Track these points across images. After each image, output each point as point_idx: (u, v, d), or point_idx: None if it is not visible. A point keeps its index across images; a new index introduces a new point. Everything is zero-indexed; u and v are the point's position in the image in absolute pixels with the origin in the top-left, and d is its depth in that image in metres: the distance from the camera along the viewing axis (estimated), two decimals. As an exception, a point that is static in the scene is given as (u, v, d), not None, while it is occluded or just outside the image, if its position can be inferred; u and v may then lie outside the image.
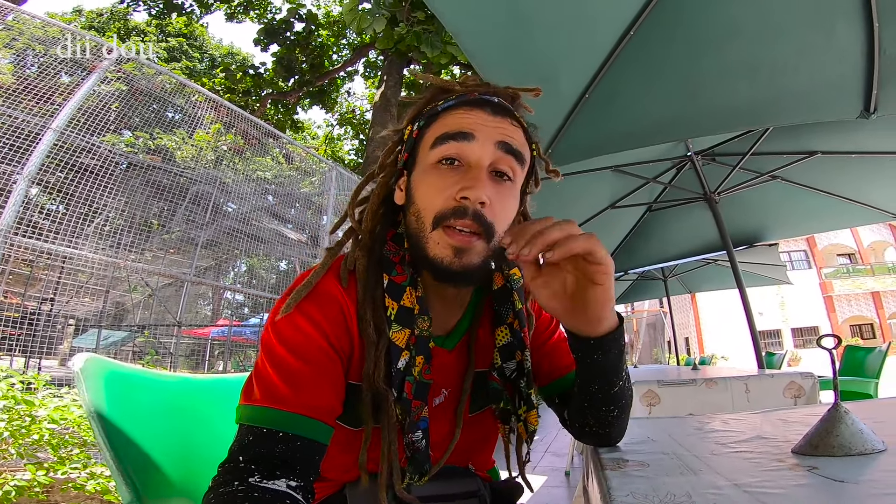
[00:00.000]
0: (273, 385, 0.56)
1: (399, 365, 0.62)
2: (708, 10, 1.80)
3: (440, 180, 0.62)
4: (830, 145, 3.20)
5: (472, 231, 0.61)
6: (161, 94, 4.84)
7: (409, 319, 0.63)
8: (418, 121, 0.69)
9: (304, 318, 0.60)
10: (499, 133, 0.64)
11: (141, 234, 4.74)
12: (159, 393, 0.83)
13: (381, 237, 0.69)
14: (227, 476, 0.52)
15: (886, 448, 0.55)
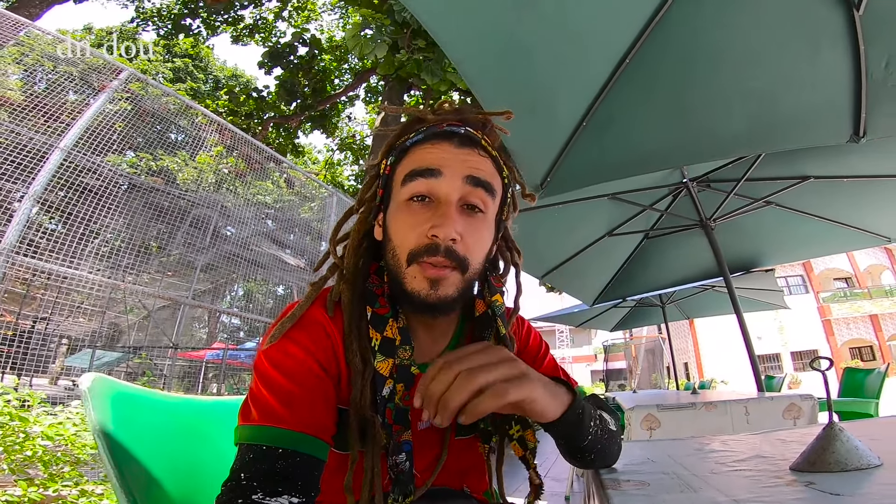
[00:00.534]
0: (269, 406, 0.58)
1: (384, 392, 0.65)
2: (699, 37, 1.85)
3: (411, 217, 0.65)
4: (823, 170, 3.24)
5: (444, 266, 0.63)
6: (165, 115, 4.92)
7: (391, 350, 0.66)
8: (390, 156, 0.71)
9: (293, 344, 0.62)
10: (466, 167, 0.65)
11: (139, 256, 4.75)
12: (164, 413, 0.83)
13: (363, 271, 0.71)
14: (230, 494, 0.53)
15: (882, 463, 0.56)
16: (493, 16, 1.58)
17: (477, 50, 1.68)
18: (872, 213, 3.51)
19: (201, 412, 0.90)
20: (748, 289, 5.89)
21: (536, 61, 1.80)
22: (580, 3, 1.65)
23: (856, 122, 1.87)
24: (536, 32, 1.67)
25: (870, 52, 1.73)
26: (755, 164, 3.29)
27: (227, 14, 12.48)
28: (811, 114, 1.92)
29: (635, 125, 2.11)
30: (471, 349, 0.58)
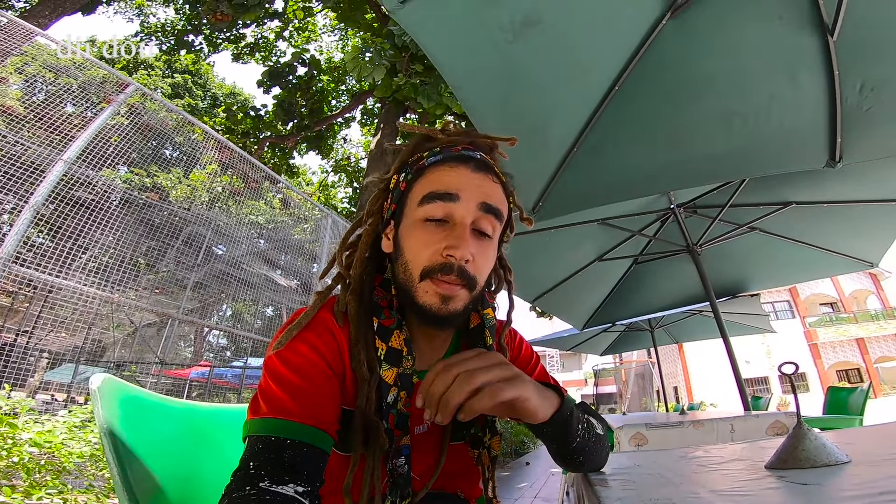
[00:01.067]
0: (279, 399, 0.61)
1: (389, 399, 0.68)
2: (685, 65, 1.92)
3: (428, 236, 0.68)
4: (804, 196, 3.34)
5: (456, 284, 0.67)
6: (164, 131, 4.97)
7: (397, 359, 0.69)
8: (404, 171, 0.75)
9: (303, 344, 0.66)
10: (481, 193, 0.70)
11: (129, 272, 4.72)
12: (170, 417, 0.85)
13: (369, 283, 0.75)
14: (239, 482, 0.54)
15: (851, 460, 0.61)
16: (490, 43, 1.66)
17: (474, 76, 1.76)
18: (854, 239, 3.60)
19: (206, 419, 0.92)
20: (734, 313, 5.98)
21: (531, 88, 1.88)
22: (574, 33, 1.74)
23: (832, 147, 1.93)
24: (531, 60, 1.75)
25: (844, 77, 1.80)
26: (739, 190, 3.39)
27: (230, 32, 12.71)
28: (790, 139, 1.98)
29: (624, 151, 2.18)
30: (467, 354, 0.62)
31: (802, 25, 1.74)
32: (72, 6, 8.89)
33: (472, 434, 0.78)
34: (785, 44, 1.80)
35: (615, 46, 1.85)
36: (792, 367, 0.65)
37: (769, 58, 1.85)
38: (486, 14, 1.59)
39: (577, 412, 0.71)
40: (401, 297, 0.72)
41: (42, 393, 6.97)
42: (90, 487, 2.01)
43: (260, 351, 6.96)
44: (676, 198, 3.73)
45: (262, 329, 7.08)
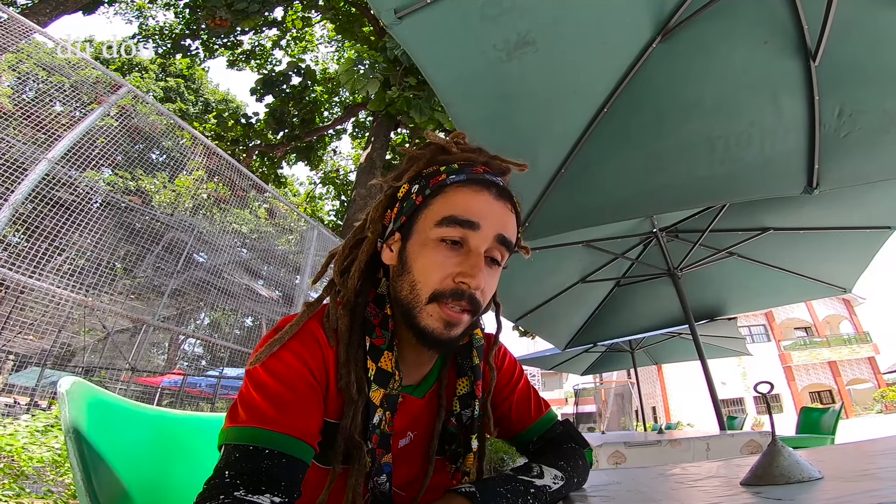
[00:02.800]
0: (259, 408, 0.59)
1: (375, 420, 0.67)
2: (670, 90, 1.97)
3: (442, 258, 0.66)
4: (781, 222, 3.44)
5: (463, 310, 0.66)
6: (152, 134, 4.91)
7: (386, 380, 0.68)
8: (418, 183, 0.72)
9: (289, 353, 0.64)
10: (500, 224, 0.69)
11: (105, 276, 4.60)
12: (140, 423, 0.83)
13: (363, 298, 0.72)
14: (212, 491, 0.52)
15: (823, 476, 0.62)
16: (484, 61, 1.70)
17: (467, 92, 1.79)
18: (828, 264, 3.72)
19: (178, 426, 0.90)
20: (712, 336, 6.09)
21: (522, 107, 1.92)
22: (567, 55, 1.79)
23: (809, 174, 1.98)
24: (524, 80, 1.79)
25: (823, 102, 1.86)
26: (719, 216, 3.49)
27: (227, 38, 12.70)
28: (770, 165, 2.03)
29: (610, 174, 2.22)
30: None
31: (787, 50, 1.81)
32: (73, 5, 8.84)
33: (453, 449, 0.78)
34: (769, 68, 1.86)
35: (606, 69, 1.90)
36: (767, 387, 0.67)
37: (753, 82, 1.91)
38: (482, 32, 1.63)
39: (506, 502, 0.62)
40: (399, 315, 0.70)
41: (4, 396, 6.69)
42: (48, 493, 1.94)
43: (237, 361, 6.81)
44: (659, 222, 3.82)
45: (241, 339, 6.94)
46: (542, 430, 0.86)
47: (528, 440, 0.86)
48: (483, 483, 0.63)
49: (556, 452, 0.78)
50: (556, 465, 0.72)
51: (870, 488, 0.53)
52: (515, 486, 0.64)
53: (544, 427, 0.86)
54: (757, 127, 1.96)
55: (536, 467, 0.70)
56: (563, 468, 0.73)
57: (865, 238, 3.23)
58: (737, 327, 6.28)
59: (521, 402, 0.87)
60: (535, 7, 1.61)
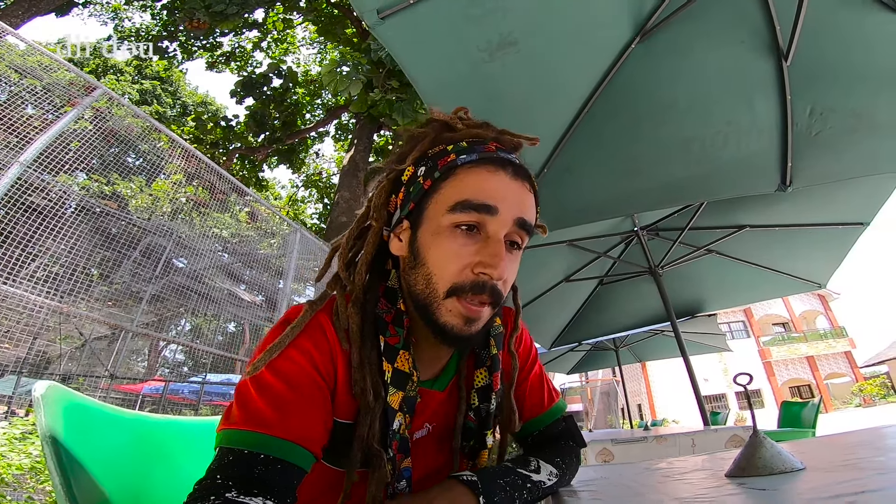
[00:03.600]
0: (257, 409, 0.55)
1: (395, 426, 0.62)
2: (652, 88, 2.00)
3: (458, 247, 0.61)
4: (757, 219, 3.53)
5: (484, 303, 0.61)
6: (128, 137, 4.79)
7: (403, 382, 0.63)
8: (424, 164, 0.66)
9: (294, 349, 0.59)
10: (519, 207, 0.63)
11: (81, 282, 4.47)
12: (119, 428, 0.81)
13: (373, 293, 0.66)
14: (203, 492, 0.50)
15: (805, 467, 0.63)
16: (467, 62, 1.71)
17: (450, 94, 1.80)
18: (803, 261, 3.81)
19: (159, 431, 0.88)
20: (693, 333, 6.21)
21: (505, 108, 1.93)
22: (549, 55, 1.80)
23: (783, 172, 2.03)
24: (506, 81, 1.80)
25: (795, 101, 1.90)
26: (698, 214, 3.56)
27: (206, 40, 12.48)
28: (745, 163, 2.08)
29: (592, 173, 2.25)
30: None
31: (760, 51, 1.85)
32: (46, 7, 8.61)
33: (471, 445, 0.74)
34: (743, 69, 1.91)
35: (587, 69, 1.93)
36: (746, 378, 0.68)
37: (728, 83, 1.95)
38: (465, 33, 1.63)
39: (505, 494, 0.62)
40: (414, 310, 0.65)
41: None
42: (30, 500, 1.89)
43: (221, 366, 6.68)
44: (640, 220, 3.88)
45: (224, 344, 6.82)
46: (549, 421, 0.82)
47: (533, 431, 0.81)
48: (484, 473, 0.62)
49: (554, 449, 0.76)
50: (552, 462, 0.71)
51: (851, 478, 0.54)
52: (514, 479, 0.64)
53: (552, 418, 0.82)
54: (732, 126, 2.00)
55: (534, 461, 0.69)
56: (558, 465, 0.72)
57: (839, 234, 3.32)
58: (717, 324, 6.41)
59: (534, 390, 0.82)
60: (517, 8, 1.62)
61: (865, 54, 1.83)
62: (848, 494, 0.44)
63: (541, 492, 0.66)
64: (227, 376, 7.29)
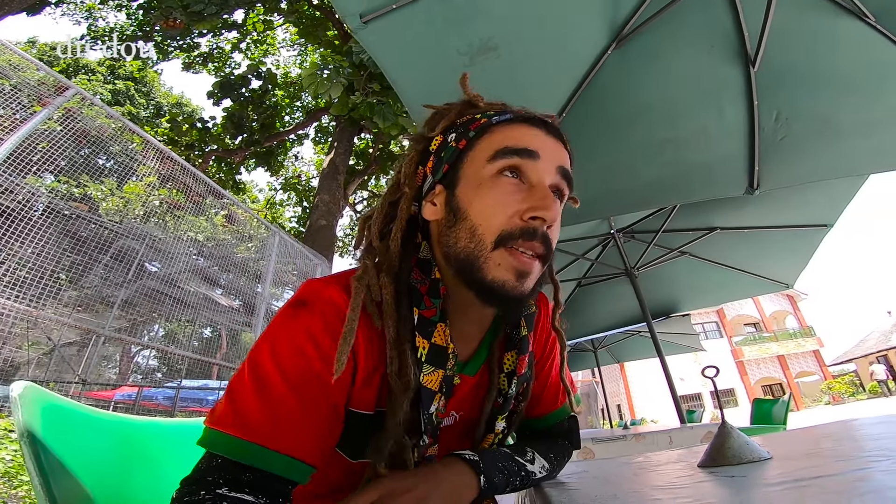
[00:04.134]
0: (249, 410, 0.49)
1: (431, 410, 0.58)
2: (627, 93, 2.04)
3: (504, 196, 0.57)
4: (726, 221, 3.64)
5: (535, 254, 0.57)
6: (99, 138, 4.65)
7: (442, 359, 0.58)
8: (455, 132, 0.64)
9: (305, 336, 0.53)
10: (558, 157, 0.62)
11: (49, 287, 4.32)
12: (98, 429, 0.80)
13: (406, 264, 0.61)
14: (193, 487, 0.47)
15: (772, 457, 0.67)
16: (448, 66, 1.72)
17: (430, 97, 1.80)
18: (772, 261, 3.93)
19: (139, 433, 0.87)
20: (668, 333, 6.36)
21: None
22: (528, 60, 1.83)
23: (750, 175, 2.09)
24: (486, 85, 1.81)
25: (762, 106, 1.96)
26: (671, 216, 3.65)
27: (183, 40, 12.19)
28: (714, 167, 2.14)
29: None
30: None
31: (729, 56, 1.91)
32: (17, 6, 8.30)
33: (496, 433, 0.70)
34: (713, 74, 1.96)
35: (564, 74, 1.97)
36: (713, 370, 0.72)
37: (699, 87, 2.00)
38: (446, 37, 1.65)
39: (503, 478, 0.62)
40: (455, 273, 0.59)
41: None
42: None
43: (196, 372, 6.52)
44: (616, 223, 3.96)
45: (200, 350, 6.66)
46: (556, 421, 0.80)
47: (540, 427, 0.80)
48: (486, 454, 0.61)
49: (551, 445, 0.76)
50: (546, 457, 0.71)
51: (812, 464, 0.58)
52: (511, 465, 0.63)
53: (559, 419, 0.80)
54: (702, 131, 2.06)
55: (531, 452, 0.68)
56: (550, 461, 0.72)
57: (805, 236, 3.45)
58: (691, 324, 6.59)
59: (552, 385, 0.79)
60: (497, 13, 1.65)
61: (829, 60, 1.90)
62: (808, 479, 0.48)
63: (529, 482, 0.67)
64: (203, 381, 7.12)
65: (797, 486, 0.45)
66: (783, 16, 1.76)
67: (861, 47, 1.84)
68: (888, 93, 1.92)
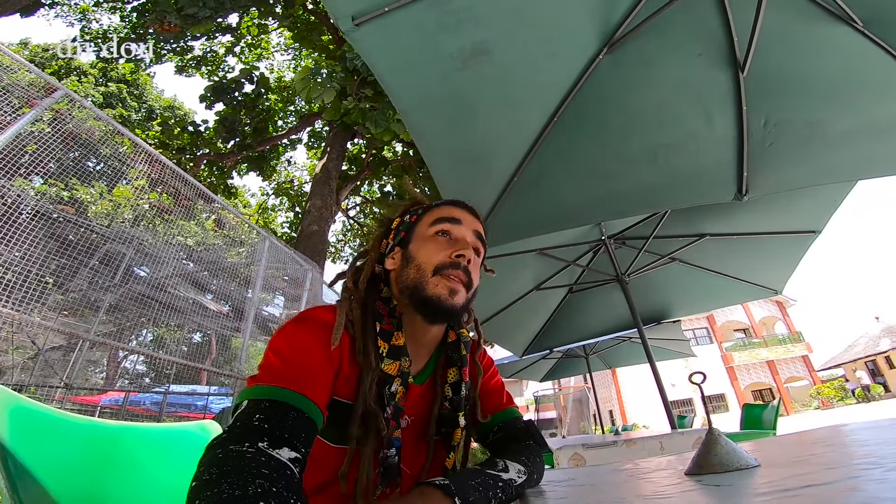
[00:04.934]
0: (280, 372, 0.68)
1: (392, 389, 0.77)
2: (617, 99, 2.05)
3: (438, 245, 0.87)
4: (716, 228, 3.65)
5: (460, 280, 0.83)
6: (89, 140, 4.59)
7: (398, 354, 0.80)
8: (410, 213, 0.97)
9: (307, 332, 0.75)
10: (474, 225, 0.94)
11: (33, 290, 4.24)
12: (69, 434, 0.78)
13: (372, 297, 0.87)
14: (237, 436, 0.57)
15: (759, 464, 0.66)
16: (440, 70, 1.72)
17: (422, 102, 1.80)
18: (760, 267, 3.95)
19: (114, 438, 0.85)
20: (659, 339, 6.37)
21: (476, 117, 1.94)
22: (520, 65, 1.83)
23: (739, 181, 2.10)
24: (478, 90, 1.82)
25: (751, 112, 1.98)
26: (662, 223, 3.66)
27: (177, 43, 12.10)
28: (704, 173, 2.14)
29: (561, 182, 2.28)
30: None
31: (719, 62, 1.92)
32: (11, 7, 8.22)
33: (446, 432, 0.87)
34: (703, 79, 1.97)
35: (556, 79, 1.97)
36: (700, 377, 0.71)
37: (689, 93, 2.02)
38: (439, 41, 1.65)
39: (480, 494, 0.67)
40: (408, 296, 0.84)
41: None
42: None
43: (185, 378, 6.43)
44: (607, 229, 3.96)
45: (189, 355, 6.57)
46: (506, 419, 0.97)
47: (493, 427, 0.96)
48: (455, 477, 0.67)
49: (517, 448, 0.87)
50: (518, 461, 0.79)
51: (802, 472, 0.57)
52: (485, 479, 0.70)
53: (508, 417, 0.97)
54: (692, 136, 2.07)
55: (501, 462, 0.77)
56: (524, 463, 0.79)
57: (793, 242, 3.47)
58: (681, 330, 6.60)
59: (493, 392, 1.00)
60: (490, 17, 1.65)
61: (817, 65, 1.91)
62: (797, 488, 0.47)
63: (513, 490, 0.72)
64: (192, 387, 7.02)
65: (785, 495, 0.45)
66: (772, 20, 1.77)
67: (849, 53, 1.85)
68: (876, 99, 1.93)
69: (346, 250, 17.14)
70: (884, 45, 1.81)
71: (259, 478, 0.51)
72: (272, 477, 0.52)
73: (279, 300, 7.56)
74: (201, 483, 0.50)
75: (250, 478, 0.51)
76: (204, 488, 0.49)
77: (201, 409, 7.46)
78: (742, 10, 1.79)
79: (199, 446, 1.01)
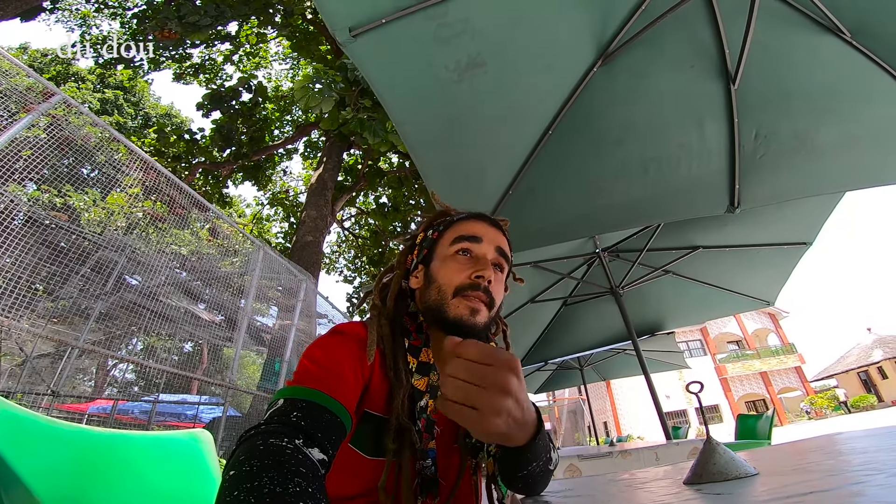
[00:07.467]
0: (317, 376, 0.70)
1: (421, 404, 0.79)
2: (611, 111, 2.05)
3: (459, 265, 0.86)
4: (709, 240, 3.68)
5: (481, 300, 0.82)
6: (84, 147, 4.56)
7: (427, 370, 0.82)
8: (433, 229, 0.97)
9: (341, 345, 0.78)
10: (496, 240, 0.91)
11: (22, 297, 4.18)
12: (56, 440, 0.77)
13: (400, 313, 0.88)
14: (276, 428, 0.58)
15: (759, 473, 0.66)
16: (436, 82, 1.73)
17: (418, 113, 1.81)
18: (752, 279, 3.98)
19: (101, 445, 0.83)
20: (653, 351, 6.38)
21: (472, 129, 1.95)
22: (515, 77, 1.85)
23: (731, 194, 2.10)
24: (474, 102, 1.83)
25: (742, 124, 2.00)
26: (655, 235, 3.69)
27: (175, 50, 12.13)
28: (696, 185, 2.14)
29: (553, 196, 2.27)
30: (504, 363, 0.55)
31: (710, 74, 1.94)
32: (12, 11, 8.23)
33: (472, 443, 0.85)
34: (695, 92, 1.99)
35: (551, 92, 1.98)
36: (698, 386, 0.71)
37: (682, 105, 2.03)
38: (435, 53, 1.66)
39: (545, 440, 0.74)
40: (434, 316, 0.84)
41: None
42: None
43: (175, 387, 6.33)
44: (601, 242, 3.98)
45: (179, 364, 6.47)
46: None
47: None
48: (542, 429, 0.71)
49: None
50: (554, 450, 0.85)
51: (801, 480, 0.57)
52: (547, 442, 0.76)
53: None
54: (685, 149, 2.08)
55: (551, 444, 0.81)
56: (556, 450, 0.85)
57: (784, 253, 3.50)
58: (675, 342, 6.62)
59: None
60: (486, 30, 1.67)
61: (807, 77, 1.93)
62: (797, 496, 0.46)
63: (551, 462, 0.80)
64: (182, 396, 6.90)
65: (788, 502, 0.44)
66: (763, 32, 1.79)
67: (838, 64, 1.87)
68: (864, 109, 1.95)
69: (341, 261, 17.09)
70: (871, 56, 1.83)
71: (297, 476, 0.52)
72: (308, 477, 0.53)
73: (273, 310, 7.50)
74: (241, 473, 0.51)
75: (289, 475, 0.52)
76: (245, 479, 0.50)
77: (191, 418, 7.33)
78: (733, 23, 1.82)
79: (189, 455, 0.99)
